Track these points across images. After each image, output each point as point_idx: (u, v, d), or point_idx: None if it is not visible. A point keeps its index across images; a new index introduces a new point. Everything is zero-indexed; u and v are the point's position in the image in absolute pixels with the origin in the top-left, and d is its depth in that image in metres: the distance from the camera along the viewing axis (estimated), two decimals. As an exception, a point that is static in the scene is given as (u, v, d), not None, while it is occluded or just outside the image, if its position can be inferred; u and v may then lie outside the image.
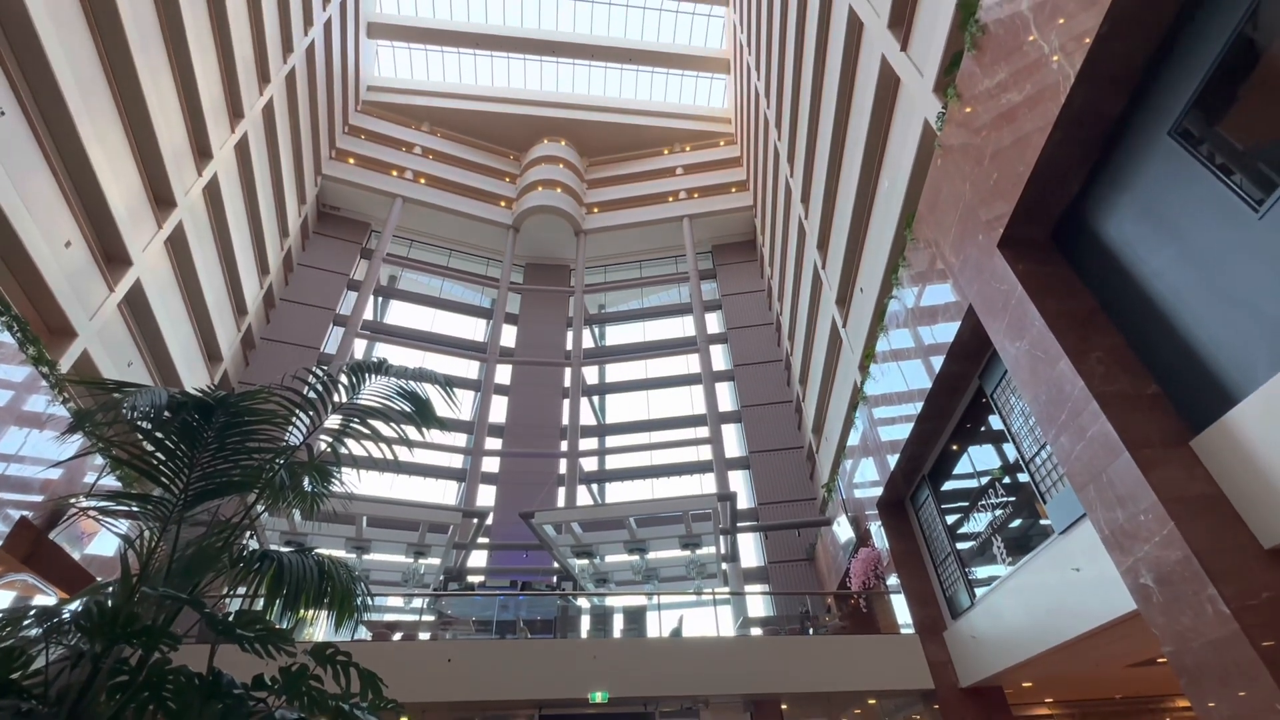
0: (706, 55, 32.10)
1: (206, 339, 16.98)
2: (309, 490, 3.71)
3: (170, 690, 2.48)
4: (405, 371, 3.76)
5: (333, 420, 3.62)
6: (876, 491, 11.13)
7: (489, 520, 17.96)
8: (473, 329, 27.24)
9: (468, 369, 25.05)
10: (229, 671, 2.70)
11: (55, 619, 2.60)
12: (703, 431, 22.62)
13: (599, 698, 9.34)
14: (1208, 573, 4.09)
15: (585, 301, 27.31)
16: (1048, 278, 5.79)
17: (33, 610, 2.66)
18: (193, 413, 3.10)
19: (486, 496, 21.63)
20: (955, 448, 9.08)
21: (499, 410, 24.02)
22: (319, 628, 10.06)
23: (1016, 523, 7.72)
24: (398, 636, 11.30)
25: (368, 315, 24.47)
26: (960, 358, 7.67)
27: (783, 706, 10.64)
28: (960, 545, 9.31)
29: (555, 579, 17.49)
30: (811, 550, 18.06)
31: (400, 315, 26.65)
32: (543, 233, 28.51)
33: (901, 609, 10.56)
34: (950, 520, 9.58)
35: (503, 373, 24.94)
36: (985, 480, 8.28)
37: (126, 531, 3.41)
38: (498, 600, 12.98)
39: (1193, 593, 4.23)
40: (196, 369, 16.45)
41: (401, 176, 27.72)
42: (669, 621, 12.26)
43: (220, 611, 3.24)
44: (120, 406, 2.99)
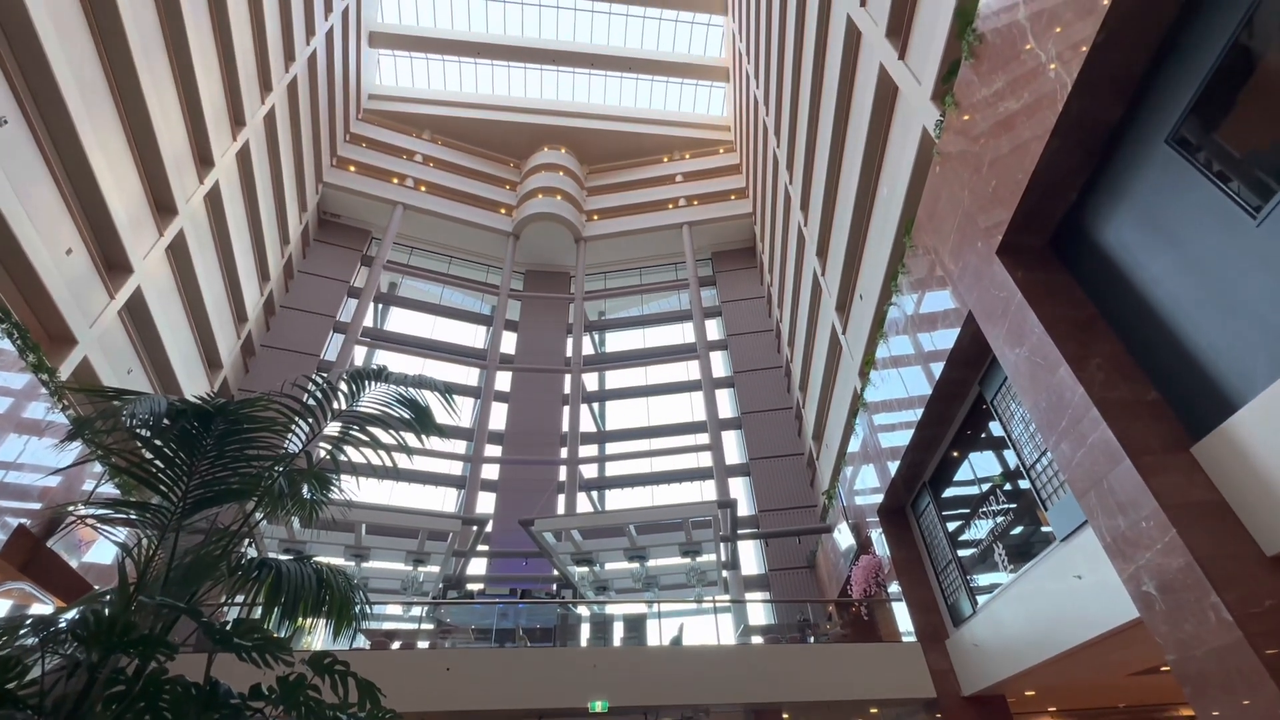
0: (706, 64, 32.31)
1: (206, 346, 17.00)
2: (308, 498, 3.70)
3: (167, 700, 2.47)
4: (405, 378, 3.76)
5: (332, 427, 3.62)
6: (877, 498, 11.10)
7: (488, 527, 17.91)
8: (473, 336, 27.26)
9: (467, 376, 25.06)
10: (226, 681, 2.69)
11: (52, 628, 2.58)
12: (703, 438, 22.59)
13: (599, 707, 9.28)
14: (1210, 580, 4.08)
15: (585, 308, 27.37)
16: (1047, 284, 5.80)
17: (29, 619, 2.64)
18: (192, 420, 3.10)
19: (486, 504, 21.58)
20: (956, 454, 9.06)
21: (499, 417, 24.00)
22: (317, 636, 9.99)
23: (1018, 530, 7.69)
24: (396, 645, 11.25)
25: (368, 322, 24.49)
26: (960, 364, 7.67)
27: (784, 716, 10.57)
28: (962, 552, 9.28)
29: (555, 587, 17.45)
30: (812, 557, 17.98)
31: (400, 322, 26.68)
32: (543, 240, 28.60)
33: (903, 617, 10.50)
34: (951, 527, 9.55)
35: (503, 379, 24.95)
36: (986, 487, 8.25)
37: (125, 539, 3.40)
38: (497, 608, 12.90)
39: (1195, 600, 4.21)
40: (196, 376, 16.45)
41: (402, 184, 27.83)
42: (669, 630, 12.19)
43: (218, 620, 3.23)
44: (119, 414, 2.99)
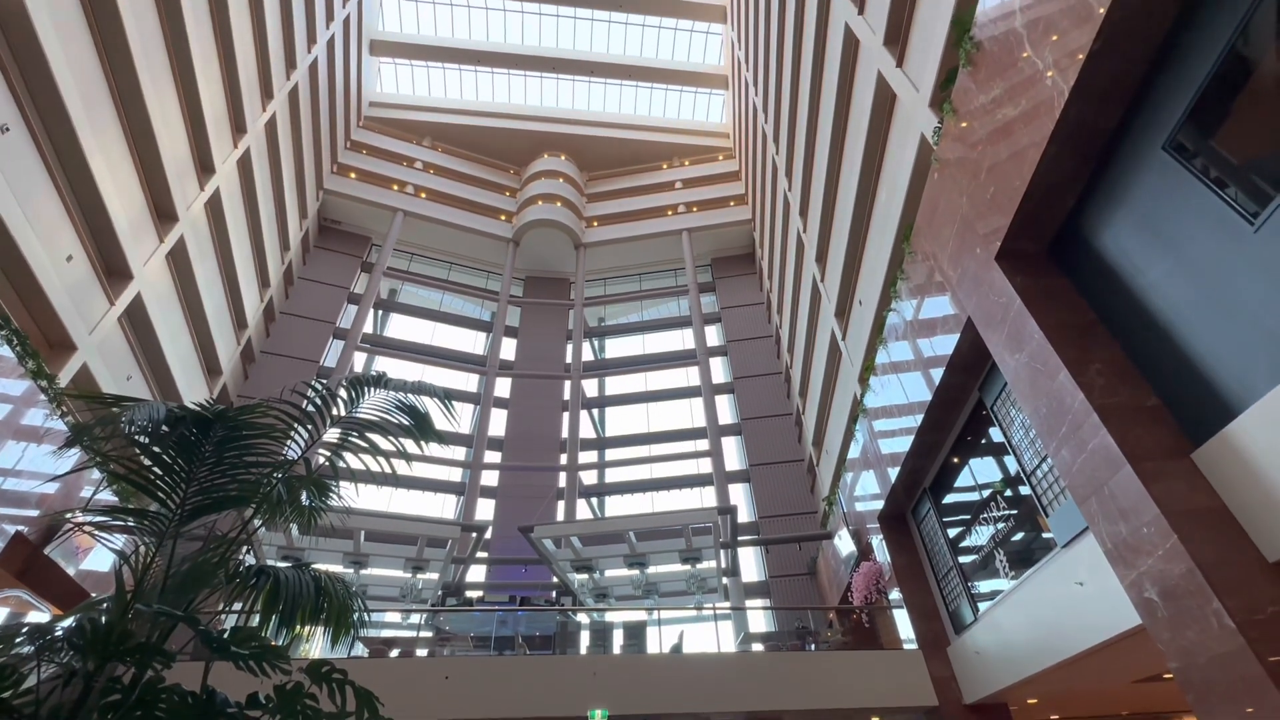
0: (705, 71, 32.49)
1: (206, 352, 16.99)
2: (306, 504, 3.68)
3: (163, 709, 2.45)
4: (404, 385, 3.75)
5: (331, 434, 3.61)
6: (877, 504, 11.07)
7: (488, 534, 17.84)
8: (472, 342, 27.27)
9: (467, 382, 25.05)
10: (223, 690, 2.66)
11: (48, 636, 2.56)
12: (703, 444, 22.55)
13: (599, 716, 9.21)
14: (1212, 587, 4.06)
15: (585, 315, 27.39)
16: (1046, 290, 5.81)
17: (25, 627, 2.63)
18: (190, 427, 3.09)
19: (485, 510, 21.53)
20: (956, 460, 9.04)
21: (498, 424, 23.97)
22: (315, 644, 9.95)
23: (1018, 536, 7.67)
24: (395, 653, 11.19)
25: (368, 328, 24.52)
26: (960, 370, 7.68)
27: (785, 724, 10.50)
28: (963, 559, 9.25)
29: (554, 594, 17.36)
30: (813, 564, 17.92)
31: (400, 328, 26.71)
32: (542, 246, 28.66)
33: (904, 624, 10.46)
34: (952, 533, 9.52)
35: (502, 386, 24.93)
36: (986, 493, 8.23)
37: (122, 547, 3.39)
38: (496, 616, 12.85)
39: (1197, 607, 4.19)
40: (195, 382, 16.43)
41: (402, 191, 27.92)
42: (669, 637, 12.12)
43: (215, 628, 3.21)
44: (118, 421, 2.98)
